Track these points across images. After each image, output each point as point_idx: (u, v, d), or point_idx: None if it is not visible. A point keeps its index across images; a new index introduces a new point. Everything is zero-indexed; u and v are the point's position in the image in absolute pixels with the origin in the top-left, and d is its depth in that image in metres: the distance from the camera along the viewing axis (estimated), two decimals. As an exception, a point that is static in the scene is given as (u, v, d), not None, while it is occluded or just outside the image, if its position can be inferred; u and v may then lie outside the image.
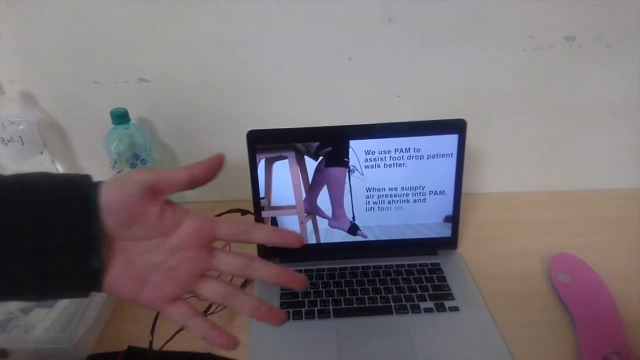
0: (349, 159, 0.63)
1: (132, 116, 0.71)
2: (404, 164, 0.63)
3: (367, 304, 0.59)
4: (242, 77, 0.73)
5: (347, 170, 0.63)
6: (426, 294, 0.60)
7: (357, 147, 0.62)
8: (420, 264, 0.65)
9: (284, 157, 0.63)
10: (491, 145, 0.80)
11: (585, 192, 0.83)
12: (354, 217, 0.66)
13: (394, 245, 0.67)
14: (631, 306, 0.57)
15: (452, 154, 0.63)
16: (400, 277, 0.63)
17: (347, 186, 0.64)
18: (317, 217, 0.66)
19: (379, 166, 0.63)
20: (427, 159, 0.63)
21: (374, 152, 0.63)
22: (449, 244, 0.68)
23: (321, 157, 0.63)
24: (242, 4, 0.66)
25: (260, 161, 0.63)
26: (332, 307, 0.59)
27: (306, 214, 0.66)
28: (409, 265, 0.65)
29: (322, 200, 0.65)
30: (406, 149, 0.63)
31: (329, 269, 0.65)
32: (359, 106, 0.75)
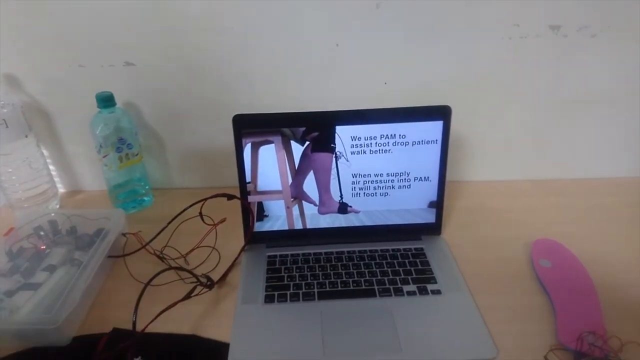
0: (335, 144, 0.63)
1: (118, 100, 0.71)
2: (389, 150, 0.64)
3: (351, 287, 0.60)
4: (229, 62, 0.73)
5: (334, 155, 0.64)
6: (409, 277, 0.61)
7: (343, 133, 0.63)
8: (404, 249, 0.66)
9: (270, 142, 0.63)
10: (477, 133, 0.81)
11: (568, 180, 0.85)
12: (341, 197, 0.66)
13: (379, 230, 0.68)
14: (609, 290, 0.59)
15: (437, 140, 0.64)
16: (384, 262, 0.64)
17: (333, 172, 0.65)
18: (304, 202, 0.66)
19: (364, 152, 0.64)
20: (412, 145, 0.64)
21: (359, 138, 0.63)
22: (434, 229, 0.69)
23: (307, 142, 0.63)
24: (229, -12, 0.66)
25: (246, 145, 0.63)
26: (316, 290, 0.60)
27: (292, 199, 0.66)
28: (394, 250, 0.66)
29: (309, 185, 0.65)
30: (392, 135, 0.63)
31: (314, 253, 0.65)
32: (346, 92, 0.75)
